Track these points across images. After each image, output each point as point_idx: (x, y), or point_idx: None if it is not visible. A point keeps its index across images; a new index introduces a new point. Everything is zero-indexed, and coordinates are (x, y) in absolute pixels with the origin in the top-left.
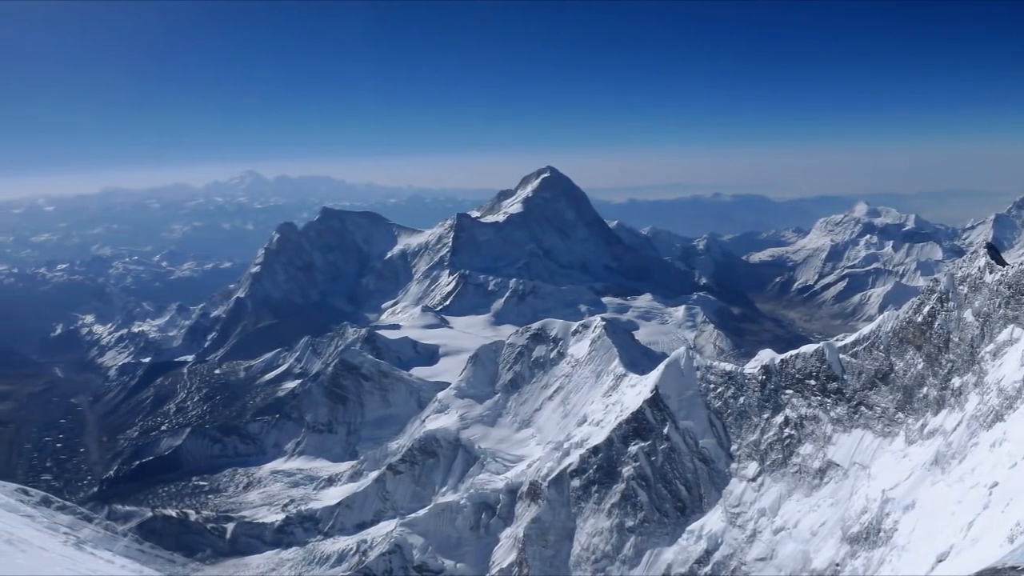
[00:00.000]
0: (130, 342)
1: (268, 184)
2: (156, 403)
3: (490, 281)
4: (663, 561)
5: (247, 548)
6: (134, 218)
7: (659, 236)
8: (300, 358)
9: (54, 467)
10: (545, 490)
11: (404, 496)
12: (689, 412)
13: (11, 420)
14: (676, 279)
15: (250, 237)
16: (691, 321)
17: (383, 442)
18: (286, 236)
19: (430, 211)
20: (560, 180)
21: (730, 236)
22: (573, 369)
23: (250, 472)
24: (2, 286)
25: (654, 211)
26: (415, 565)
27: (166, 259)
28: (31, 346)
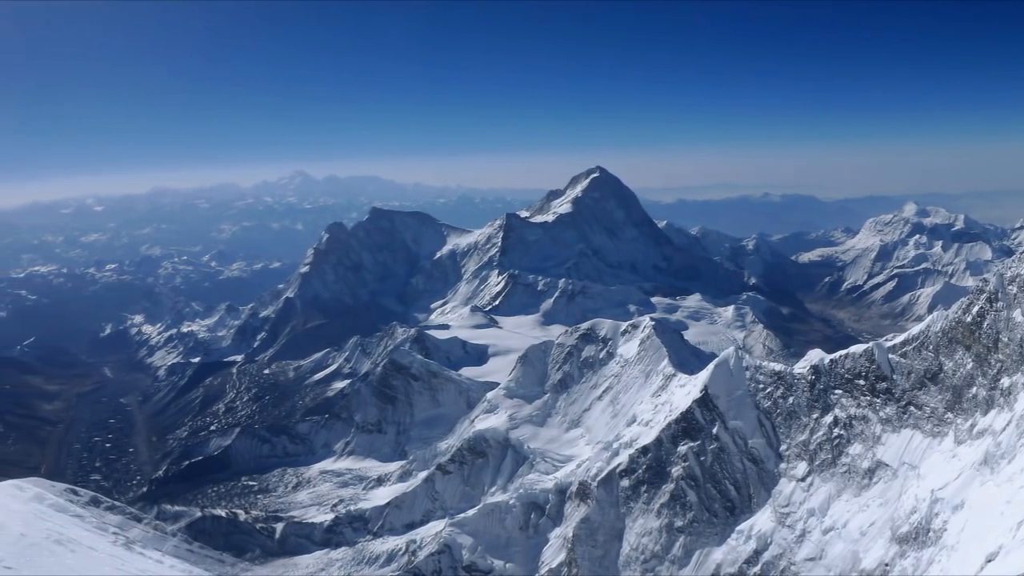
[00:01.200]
0: (179, 342)
1: (317, 184)
2: (205, 403)
3: (539, 281)
4: (712, 561)
5: (296, 548)
6: (183, 218)
7: (708, 236)
8: (349, 358)
9: (103, 467)
10: (594, 490)
11: (453, 496)
12: (738, 412)
13: (60, 420)
14: (725, 279)
15: (299, 237)
16: (740, 321)
17: (432, 442)
18: (335, 236)
19: (479, 211)
20: (609, 180)
21: (779, 236)
22: (622, 369)
23: (299, 472)
24: (51, 286)
25: (703, 211)
26: (464, 565)
27: (215, 259)
28: (80, 346)
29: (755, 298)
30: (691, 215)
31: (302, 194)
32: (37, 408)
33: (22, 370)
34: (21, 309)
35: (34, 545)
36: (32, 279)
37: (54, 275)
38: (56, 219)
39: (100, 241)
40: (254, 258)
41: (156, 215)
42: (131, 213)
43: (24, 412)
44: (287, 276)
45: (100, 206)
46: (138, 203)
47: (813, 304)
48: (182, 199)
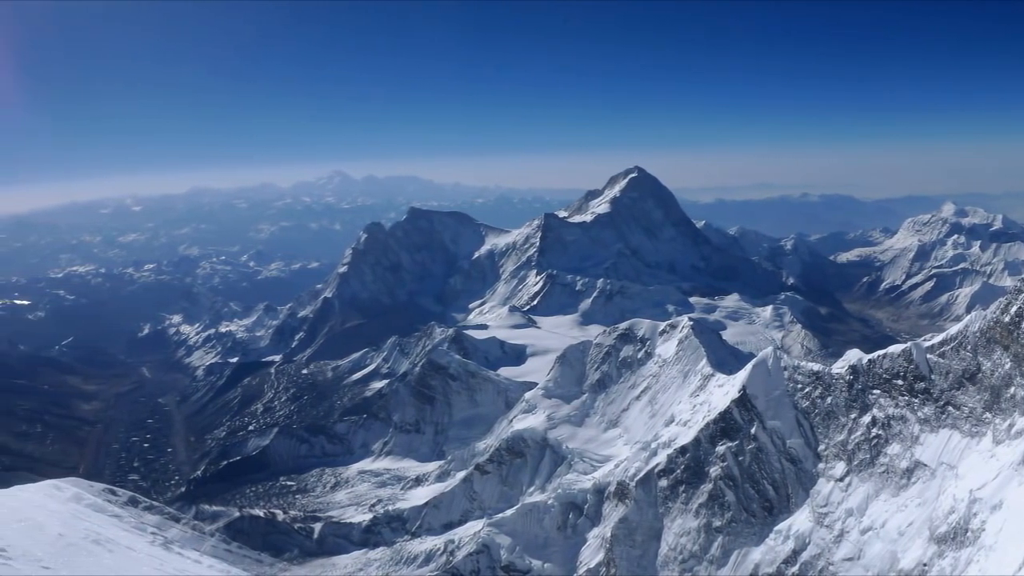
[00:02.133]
0: (217, 342)
1: (355, 184)
2: (243, 403)
3: (577, 281)
4: (751, 561)
5: (334, 548)
6: (221, 218)
7: (746, 236)
8: (387, 358)
9: (141, 467)
10: (632, 490)
11: (491, 496)
12: (777, 412)
13: (99, 420)
14: (763, 279)
15: (337, 237)
16: (778, 321)
17: (470, 442)
18: (374, 236)
19: (517, 211)
20: (647, 180)
21: (817, 236)
22: (660, 369)
23: (337, 472)
24: (90, 286)
25: (741, 211)
26: (502, 565)
27: (253, 259)
28: (119, 346)
29: (793, 298)
30: (730, 215)
31: (340, 194)
32: (75, 408)
33: (60, 370)
34: (59, 309)
35: (72, 545)
36: (70, 279)
37: (92, 275)
38: (94, 219)
39: (138, 241)
40: (292, 258)
41: (195, 215)
42: (170, 213)
43: (62, 412)
44: (325, 276)
45: (138, 206)
46: (177, 203)
47: (851, 304)
48: (221, 199)
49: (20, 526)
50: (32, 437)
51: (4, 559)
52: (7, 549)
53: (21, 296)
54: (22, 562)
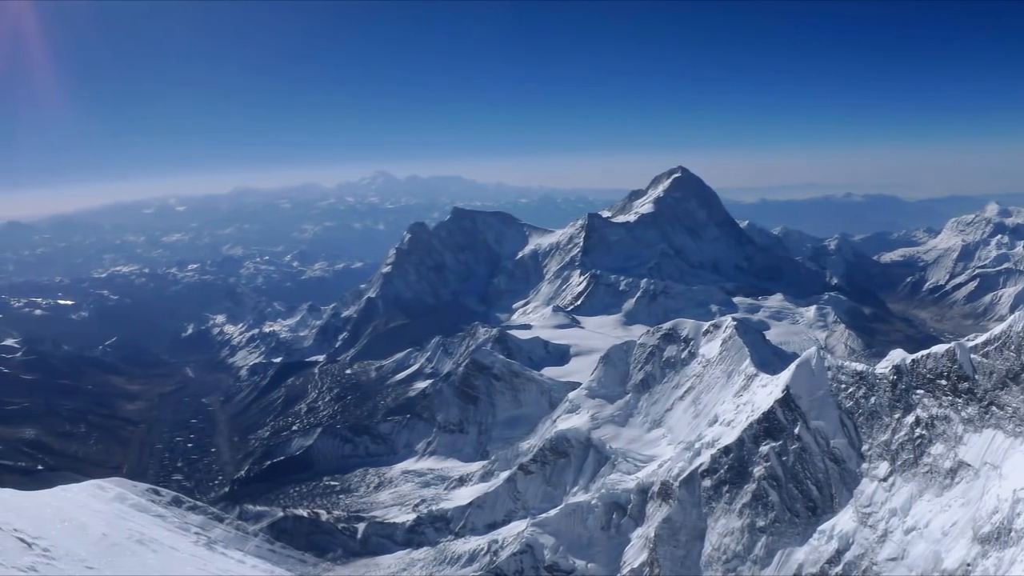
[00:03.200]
0: (261, 342)
1: (399, 184)
2: (287, 403)
3: (621, 281)
4: (794, 561)
5: (378, 548)
6: (265, 218)
7: (790, 236)
8: (431, 358)
9: (185, 467)
10: (676, 490)
11: (535, 496)
12: (820, 412)
13: (143, 420)
14: (807, 279)
15: (381, 237)
16: (822, 321)
17: (514, 442)
18: (417, 236)
19: (561, 211)
20: (691, 180)
21: (861, 236)
22: (704, 369)
23: (381, 472)
24: (134, 286)
25: (785, 211)
26: (546, 565)
27: (297, 259)
28: (162, 346)
29: (837, 298)
30: (773, 215)
31: (384, 194)
32: (119, 408)
33: (104, 370)
34: (103, 309)
35: (116, 545)
36: (114, 279)
37: (136, 275)
38: (138, 219)
39: (182, 241)
40: (336, 258)
41: (238, 215)
42: (213, 213)
43: (106, 412)
44: (369, 276)
45: (182, 206)
46: (220, 203)
47: (895, 304)
48: (264, 199)
49: (64, 526)
50: (76, 437)
51: (48, 559)
52: (51, 549)
53: (65, 296)
54: (66, 562)
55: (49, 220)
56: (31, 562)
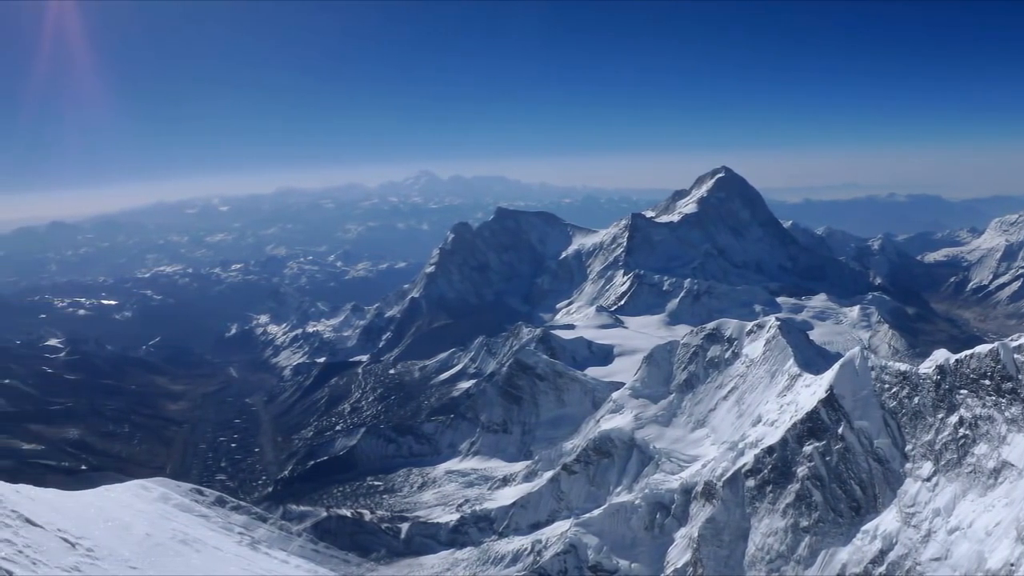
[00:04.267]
0: (304, 342)
1: (442, 184)
2: (331, 403)
3: (665, 281)
4: (838, 561)
5: (422, 548)
6: (308, 218)
7: (834, 236)
8: (475, 358)
9: (229, 467)
10: (720, 490)
11: (579, 496)
12: (864, 412)
13: (186, 420)
14: (851, 279)
15: (425, 237)
16: (866, 321)
17: (558, 442)
18: (461, 236)
19: (604, 211)
20: (735, 180)
21: (904, 236)
22: (748, 369)
23: (425, 472)
24: (177, 286)
25: (828, 211)
26: (590, 565)
27: (340, 259)
28: (206, 346)
29: (880, 298)
30: (817, 215)
31: (427, 194)
32: (163, 408)
33: (148, 370)
34: (147, 309)
35: (159, 545)
36: (158, 279)
37: (179, 275)
38: (182, 219)
39: (225, 241)
40: (379, 258)
41: (282, 215)
42: (257, 213)
43: (150, 412)
44: (412, 276)
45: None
46: (264, 203)
47: (938, 304)
48: (308, 199)
49: (107, 526)
50: (119, 437)
51: (91, 559)
52: (94, 549)
53: (108, 296)
54: (109, 562)
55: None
56: (75, 562)
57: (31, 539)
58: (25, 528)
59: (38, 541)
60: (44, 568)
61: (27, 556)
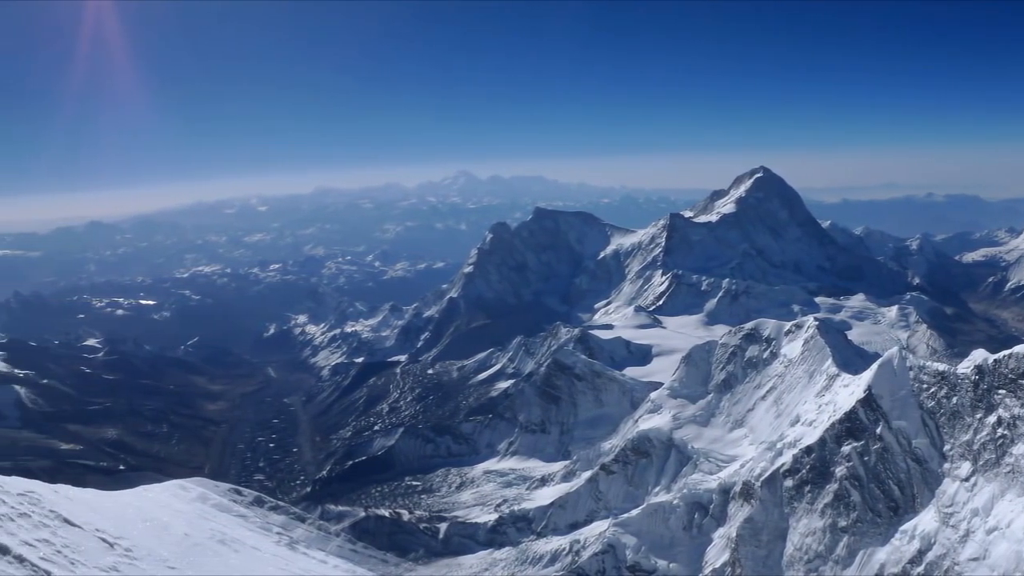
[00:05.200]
0: (343, 342)
1: (481, 184)
2: (369, 403)
3: (703, 281)
4: (876, 561)
5: (460, 548)
6: (347, 218)
7: (872, 236)
8: (513, 358)
9: (267, 467)
10: (758, 490)
11: (617, 496)
12: (902, 412)
13: (224, 420)
14: (889, 279)
15: (463, 237)
16: (904, 321)
17: (596, 442)
18: (499, 236)
19: (643, 211)
20: (773, 180)
21: (943, 236)
22: (786, 369)
23: (463, 472)
24: (215, 286)
25: (867, 211)
26: (628, 565)
27: (379, 259)
28: (244, 346)
29: (919, 298)
30: (855, 215)
31: (466, 194)
32: (201, 408)
33: (186, 370)
34: (185, 309)
35: (198, 545)
36: (196, 279)
37: (218, 275)
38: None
39: (264, 241)
40: (418, 258)
41: (320, 215)
42: (295, 213)
43: (188, 412)
44: (451, 276)
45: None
46: (302, 203)
47: (977, 304)
48: (346, 199)
49: (146, 526)
50: (158, 437)
51: (130, 559)
52: (133, 549)
53: (146, 296)
54: (148, 562)
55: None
56: (113, 562)
57: (69, 539)
58: (64, 528)
59: (76, 541)
60: (82, 568)
61: (65, 556)
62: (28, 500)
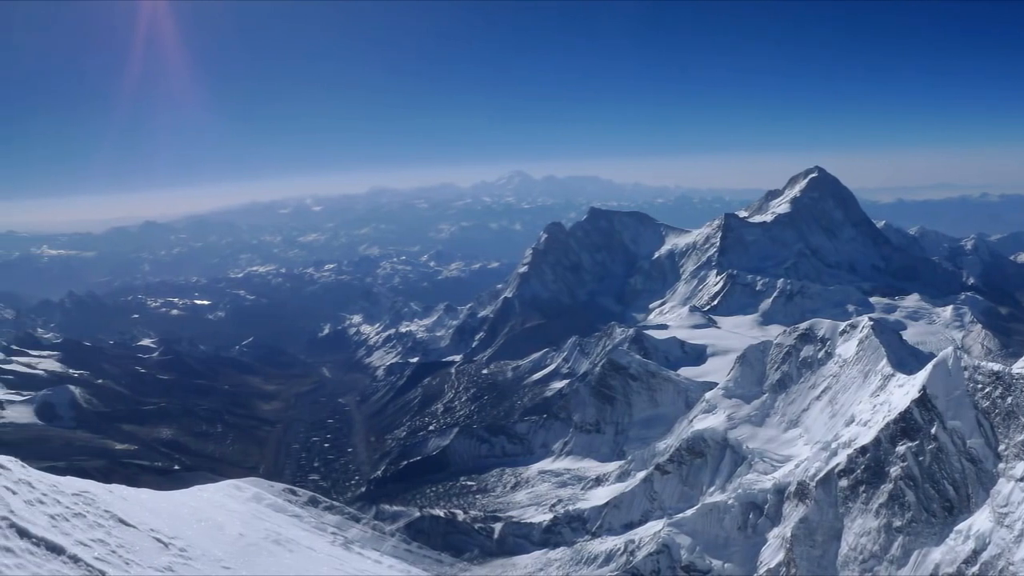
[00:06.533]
0: (398, 342)
1: (536, 184)
2: (424, 403)
3: (758, 281)
4: (931, 561)
5: (515, 548)
6: (401, 218)
7: (926, 236)
8: (568, 358)
9: (322, 467)
10: (813, 490)
11: (672, 496)
12: (957, 412)
13: (279, 420)
14: (944, 279)
15: (518, 237)
16: (959, 321)
17: (651, 442)
18: (554, 236)
19: (697, 211)
20: (828, 180)
21: (998, 236)
22: (841, 369)
23: (518, 472)
24: (270, 286)
25: (921, 211)
26: (683, 565)
27: (434, 259)
28: (299, 346)
29: (974, 298)
30: (909, 215)
31: (520, 194)
32: (256, 408)
33: (241, 370)
34: (240, 309)
35: (253, 545)
36: (251, 279)
37: (272, 275)
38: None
39: (318, 241)
40: (472, 258)
41: (375, 215)
42: (350, 213)
43: (243, 412)
44: (505, 276)
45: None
46: (357, 203)
47: None
48: (401, 199)
49: (200, 526)
50: (213, 437)
51: (185, 559)
52: (187, 549)
53: (201, 296)
54: (202, 562)
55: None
56: (168, 562)
57: (124, 539)
58: (118, 528)
59: (131, 541)
60: (137, 568)
61: (120, 556)
62: (83, 500)
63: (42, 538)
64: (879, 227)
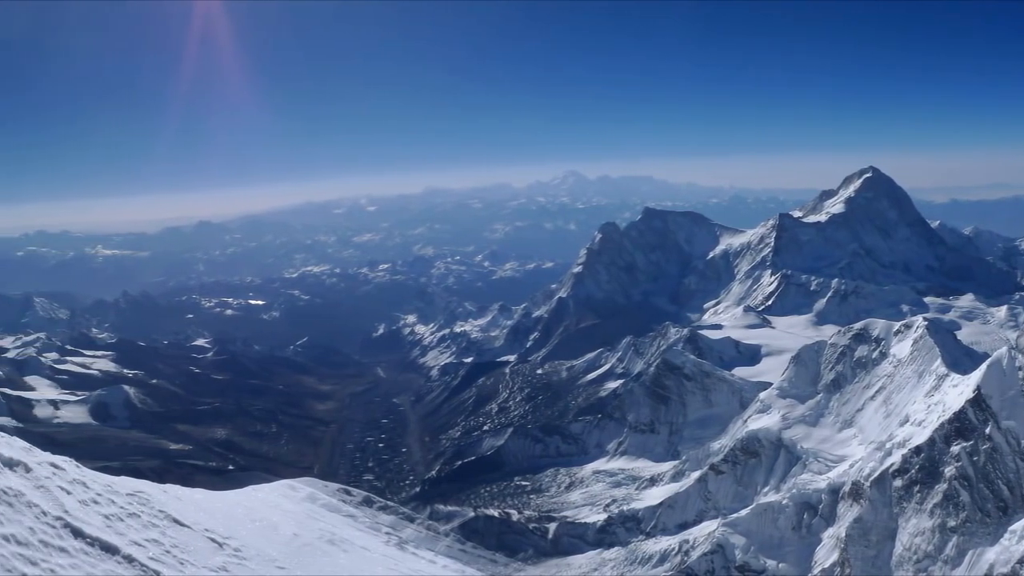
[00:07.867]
0: (452, 342)
1: (590, 184)
2: (478, 403)
3: (812, 281)
4: (985, 561)
5: (569, 548)
6: (456, 218)
7: (981, 236)
8: (622, 358)
9: (376, 467)
10: (867, 490)
11: (726, 496)
12: (1011, 412)
13: (334, 420)
14: (998, 279)
15: (572, 237)
16: (1013, 321)
17: (705, 442)
18: (608, 236)
19: (752, 211)
20: (882, 180)
21: None
22: (895, 369)
23: (572, 472)
24: (324, 286)
25: (976, 211)
26: (737, 565)
27: (488, 259)
28: (353, 346)
29: None
30: (964, 215)
31: (575, 194)
32: (310, 408)
33: (295, 370)
34: (294, 309)
35: (307, 545)
36: (305, 279)
37: (327, 275)
38: (329, 219)
39: (373, 241)
40: (527, 258)
41: (429, 215)
42: (404, 213)
43: (297, 412)
44: (560, 276)
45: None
46: (411, 203)
47: None
48: (455, 199)
49: (255, 526)
50: (267, 437)
51: (239, 559)
52: (242, 549)
53: (256, 296)
54: (257, 562)
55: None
56: (222, 562)
57: (179, 539)
58: (173, 528)
59: (185, 541)
60: (191, 568)
61: (174, 556)
62: (137, 500)
63: (96, 538)
64: (933, 227)
